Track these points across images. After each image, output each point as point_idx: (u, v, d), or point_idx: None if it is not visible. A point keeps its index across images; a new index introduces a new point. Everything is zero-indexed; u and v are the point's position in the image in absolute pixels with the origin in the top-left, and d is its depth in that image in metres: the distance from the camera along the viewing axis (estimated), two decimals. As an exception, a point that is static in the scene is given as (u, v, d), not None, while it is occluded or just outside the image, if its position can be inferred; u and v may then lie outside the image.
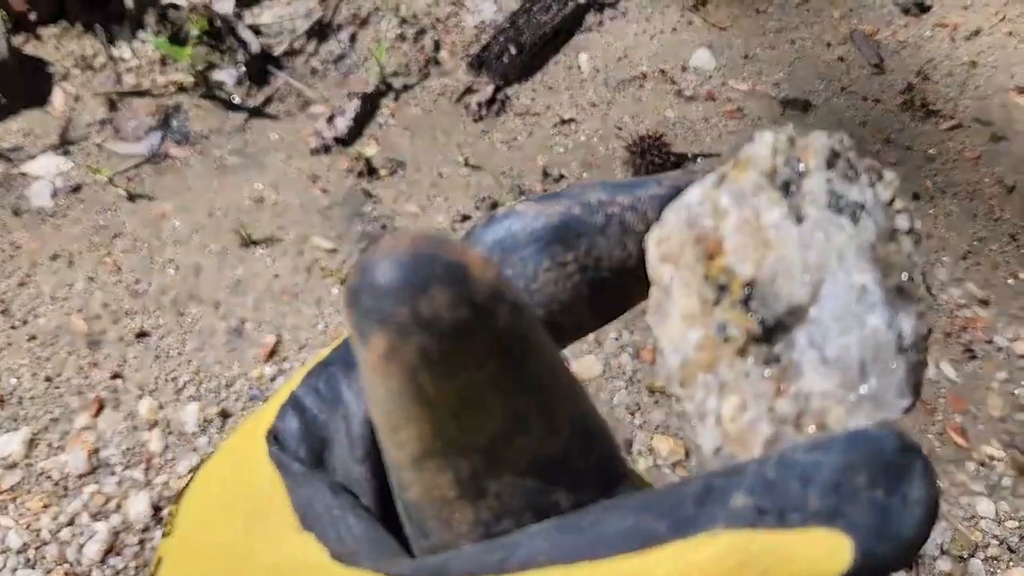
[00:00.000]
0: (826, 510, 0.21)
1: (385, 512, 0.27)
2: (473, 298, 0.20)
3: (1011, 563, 1.35)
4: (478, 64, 2.14)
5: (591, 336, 1.63)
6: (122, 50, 2.15)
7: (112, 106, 2.06)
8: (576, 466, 0.25)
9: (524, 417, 0.23)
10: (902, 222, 0.26)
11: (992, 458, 1.48)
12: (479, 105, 2.08)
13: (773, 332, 0.25)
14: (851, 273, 0.25)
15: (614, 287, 0.29)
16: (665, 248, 0.27)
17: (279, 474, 0.27)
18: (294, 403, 0.29)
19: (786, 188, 0.26)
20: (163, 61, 2.13)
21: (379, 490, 0.27)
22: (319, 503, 0.26)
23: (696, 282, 0.26)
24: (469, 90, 2.12)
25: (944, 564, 1.35)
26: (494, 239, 0.28)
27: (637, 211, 0.28)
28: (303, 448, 0.28)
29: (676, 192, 0.29)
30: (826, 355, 0.24)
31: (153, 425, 1.54)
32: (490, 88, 2.11)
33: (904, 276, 0.25)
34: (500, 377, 0.22)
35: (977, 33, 2.30)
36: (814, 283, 0.25)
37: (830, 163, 0.26)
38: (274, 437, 0.28)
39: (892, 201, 0.26)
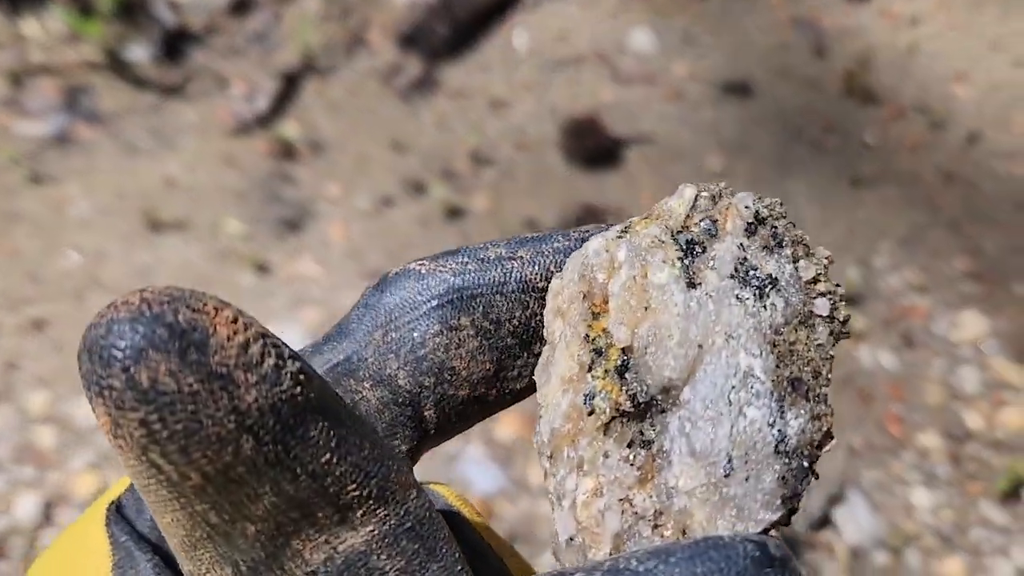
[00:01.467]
0: None
1: None
2: (206, 366, 0.18)
3: (946, 554, 1.31)
4: (408, 41, 2.06)
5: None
6: (28, 25, 2.03)
7: (16, 83, 1.94)
8: (383, 566, 0.21)
9: (305, 504, 0.20)
10: (822, 306, 0.23)
11: (928, 448, 1.45)
12: (408, 84, 2.00)
13: (647, 411, 0.22)
14: (737, 354, 0.21)
15: (521, 355, 0.25)
16: (559, 301, 0.24)
17: (111, 550, 0.24)
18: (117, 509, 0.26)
19: (689, 249, 0.23)
20: (72, 37, 2.02)
21: None
22: None
23: (576, 342, 0.23)
24: (398, 69, 2.04)
25: (880, 557, 1.31)
26: (384, 300, 0.25)
27: (539, 266, 0.25)
28: (149, 523, 0.25)
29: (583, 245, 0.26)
30: (694, 446, 0.22)
31: (47, 420, 1.44)
32: (420, 66, 2.03)
33: (805, 370, 0.22)
34: (259, 459, 0.19)
35: (917, 21, 2.28)
36: (690, 360, 0.22)
37: (751, 229, 0.23)
38: (116, 510, 0.25)
39: (815, 280, 0.23)
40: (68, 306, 1.60)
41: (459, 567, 0.22)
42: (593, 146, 1.87)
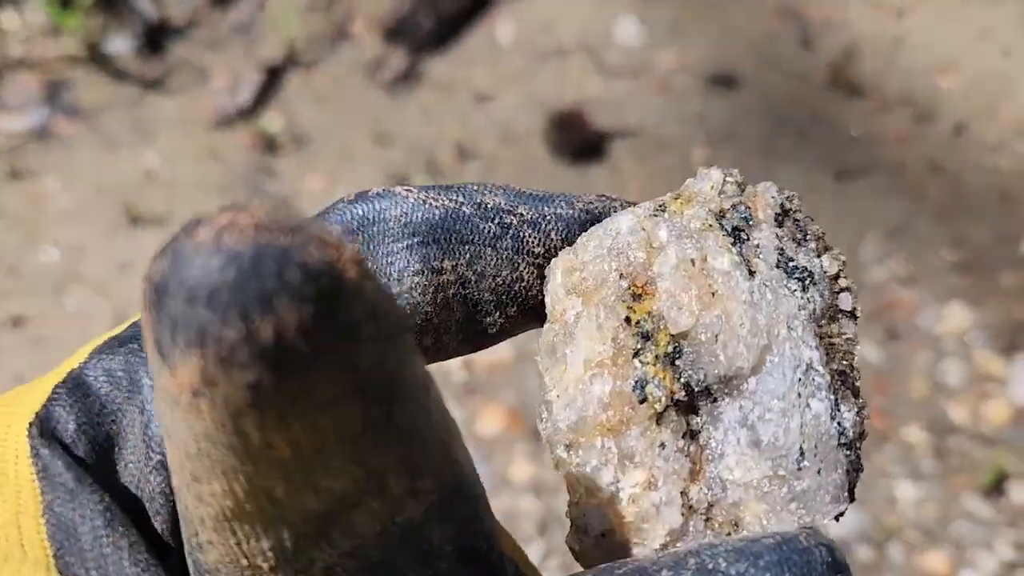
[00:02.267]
0: None
1: (180, 539, 0.21)
2: (340, 320, 0.14)
3: (929, 548, 1.31)
4: (392, 34, 2.05)
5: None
6: (8, 18, 2.01)
7: (-5, 76, 1.92)
8: (434, 535, 0.19)
9: (381, 476, 0.17)
10: (845, 302, 0.23)
11: (912, 441, 1.45)
12: (392, 77, 1.99)
13: (699, 399, 0.21)
14: (799, 346, 0.21)
15: (493, 313, 0.24)
16: (577, 279, 0.23)
17: (37, 485, 0.20)
18: (74, 383, 0.22)
19: (736, 235, 0.22)
20: (52, 30, 2.00)
21: (173, 511, 0.21)
22: (87, 533, 0.20)
23: (612, 324, 0.22)
24: (382, 61, 2.03)
25: (863, 551, 1.31)
26: (359, 216, 0.23)
27: (539, 229, 0.24)
28: (82, 442, 0.21)
29: (588, 218, 0.25)
30: (759, 437, 0.21)
31: (25, 418, 1.43)
32: (404, 59, 2.02)
33: (844, 364, 0.22)
34: (355, 425, 0.16)
35: (904, 13, 2.28)
36: (760, 350, 0.21)
37: (779, 220, 0.23)
38: (40, 428, 0.21)
39: (838, 276, 0.23)
40: (47, 301, 1.58)
41: (496, 529, 0.21)
42: (578, 139, 1.87)
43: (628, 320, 0.22)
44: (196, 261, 0.14)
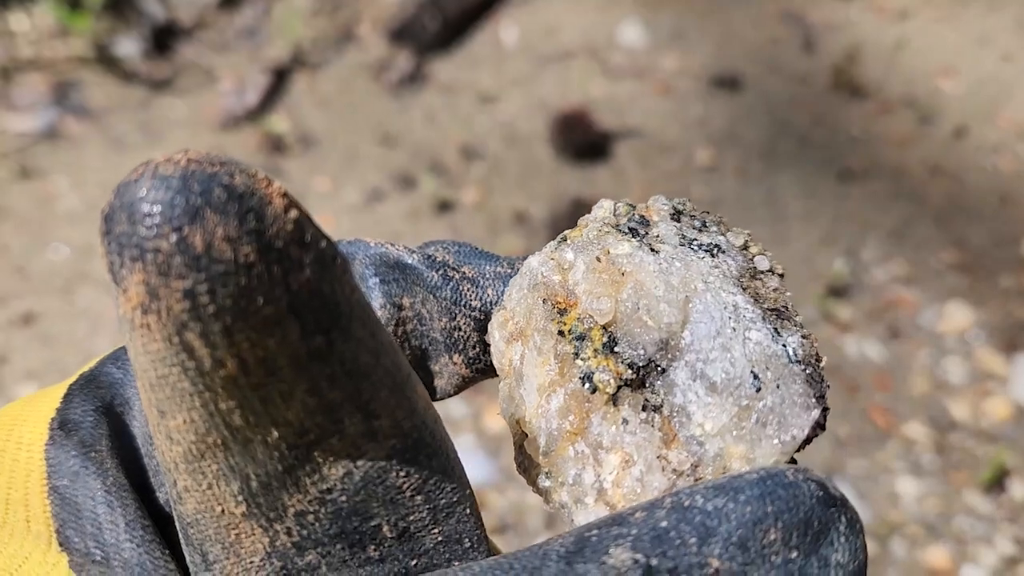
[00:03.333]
0: (729, 573, 0.17)
1: None
2: (265, 235, 0.16)
3: (931, 543, 1.32)
4: (397, 36, 2.06)
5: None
6: (17, 19, 2.03)
7: (5, 78, 1.94)
8: (401, 483, 0.20)
9: (335, 410, 0.18)
10: (762, 263, 0.24)
11: (914, 437, 1.45)
12: (398, 79, 2.00)
13: (646, 378, 0.22)
14: (720, 293, 0.22)
15: (444, 354, 0.26)
16: (511, 327, 0.24)
17: (46, 469, 0.22)
18: (87, 379, 0.24)
19: (633, 232, 0.24)
20: (61, 32, 2.01)
21: None
22: (88, 512, 0.21)
23: (550, 343, 0.23)
24: (387, 63, 2.04)
25: (865, 546, 1.32)
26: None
27: (477, 285, 0.25)
28: (97, 429, 0.22)
29: None
30: (712, 380, 0.21)
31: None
32: (410, 61, 2.03)
33: (777, 304, 0.23)
34: (302, 350, 0.17)
35: (905, 16, 2.29)
36: (681, 302, 0.22)
37: (675, 218, 0.24)
38: (60, 420, 0.23)
39: (746, 246, 0.24)
40: (56, 300, 1.59)
41: (468, 490, 0.22)
42: (582, 140, 1.87)
43: (561, 333, 0.23)
44: (135, 188, 0.16)
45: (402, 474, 0.20)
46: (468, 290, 0.26)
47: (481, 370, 0.27)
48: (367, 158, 1.87)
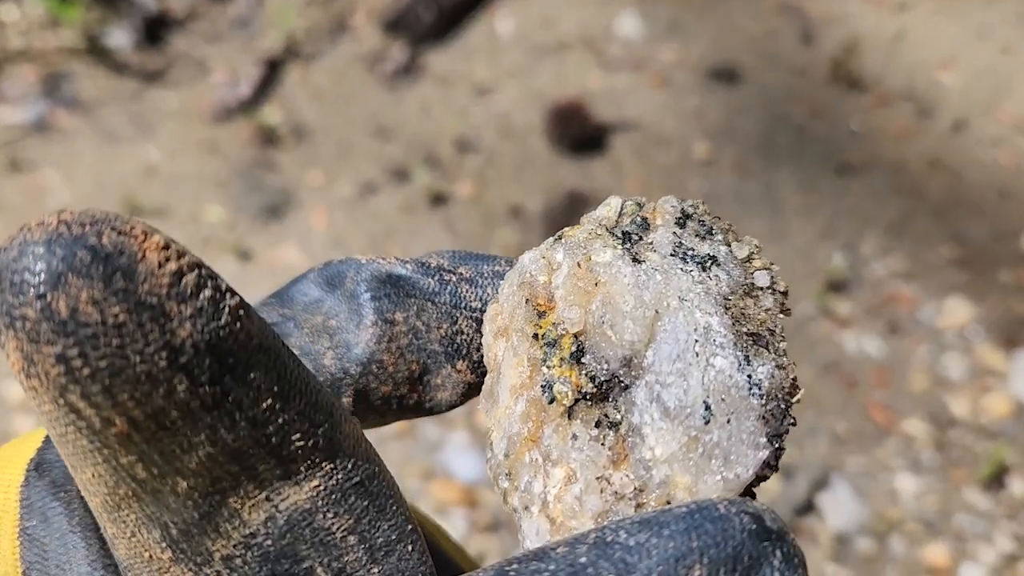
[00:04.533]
0: None
1: None
2: (136, 292, 0.16)
3: (930, 540, 1.31)
4: (392, 27, 2.04)
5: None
6: (6, 10, 2.01)
7: (-6, 69, 1.92)
8: (330, 525, 0.20)
9: (244, 456, 0.18)
10: (762, 278, 0.23)
11: (913, 434, 1.45)
12: (392, 70, 1.98)
13: (609, 393, 0.21)
14: (694, 313, 0.21)
15: (445, 365, 0.25)
16: (499, 322, 0.24)
17: (19, 512, 0.22)
18: None
19: (627, 237, 0.23)
20: (52, 22, 1.99)
21: None
22: (53, 553, 0.21)
23: (525, 345, 0.23)
24: (381, 55, 2.02)
25: (864, 543, 1.31)
26: (325, 279, 0.25)
27: (476, 285, 0.25)
28: (63, 464, 0.22)
29: None
30: (666, 405, 0.21)
31: (25, 408, 1.42)
32: (404, 52, 2.01)
33: (761, 328, 0.22)
34: (193, 402, 0.17)
35: (904, 8, 2.28)
36: (648, 321, 0.21)
37: (680, 222, 0.24)
38: (37, 464, 0.23)
39: (750, 258, 0.23)
40: (47, 294, 1.58)
41: (410, 526, 0.21)
42: (578, 132, 1.86)
43: (536, 336, 0.23)
44: (5, 256, 0.16)
45: (330, 515, 0.19)
46: (467, 291, 0.25)
47: (486, 373, 0.26)
48: (361, 150, 1.85)
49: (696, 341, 0.21)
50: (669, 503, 0.21)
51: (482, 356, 0.26)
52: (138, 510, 0.18)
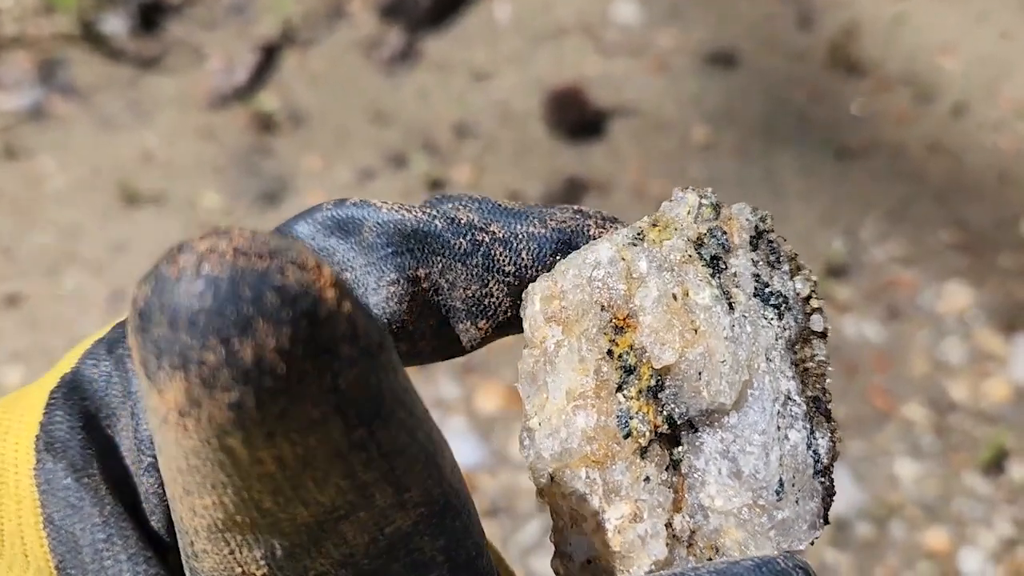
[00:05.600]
0: None
1: (175, 538, 0.21)
2: (319, 340, 0.15)
3: (930, 525, 1.31)
4: (389, 12, 2.03)
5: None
6: (1, -4, 1.99)
7: (-11, 56, 1.90)
8: (424, 545, 0.20)
9: (367, 488, 0.18)
10: (817, 323, 0.23)
11: (913, 419, 1.44)
12: (389, 56, 1.97)
13: (682, 430, 0.22)
14: (777, 378, 0.21)
15: (465, 322, 0.25)
16: (556, 307, 0.23)
17: (38, 496, 0.21)
18: (69, 387, 0.22)
19: (715, 264, 0.22)
20: (46, 9, 1.97)
21: (167, 511, 0.21)
22: (87, 546, 0.20)
23: (595, 357, 0.22)
24: (379, 40, 2.01)
25: (864, 528, 1.31)
26: (340, 219, 0.23)
27: (510, 248, 0.24)
28: (82, 446, 0.21)
29: (561, 237, 0.24)
30: (740, 468, 0.21)
31: (22, 397, 1.42)
32: (402, 38, 2.00)
33: (817, 388, 0.22)
34: (343, 444, 0.17)
35: (904, -8, 2.26)
36: (741, 385, 0.21)
37: (754, 243, 0.23)
38: (45, 439, 0.22)
39: (809, 297, 0.23)
40: (43, 282, 1.57)
41: (483, 539, 0.22)
42: (577, 118, 1.85)
43: (611, 353, 0.22)
44: (177, 287, 0.15)
45: (427, 537, 0.20)
46: (500, 253, 0.24)
47: (504, 331, 0.26)
48: (358, 136, 1.84)
49: (778, 414, 0.21)
50: (717, 549, 0.21)
51: (507, 318, 0.25)
52: (248, 532, 0.18)
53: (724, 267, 0.23)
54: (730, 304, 0.22)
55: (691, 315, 0.22)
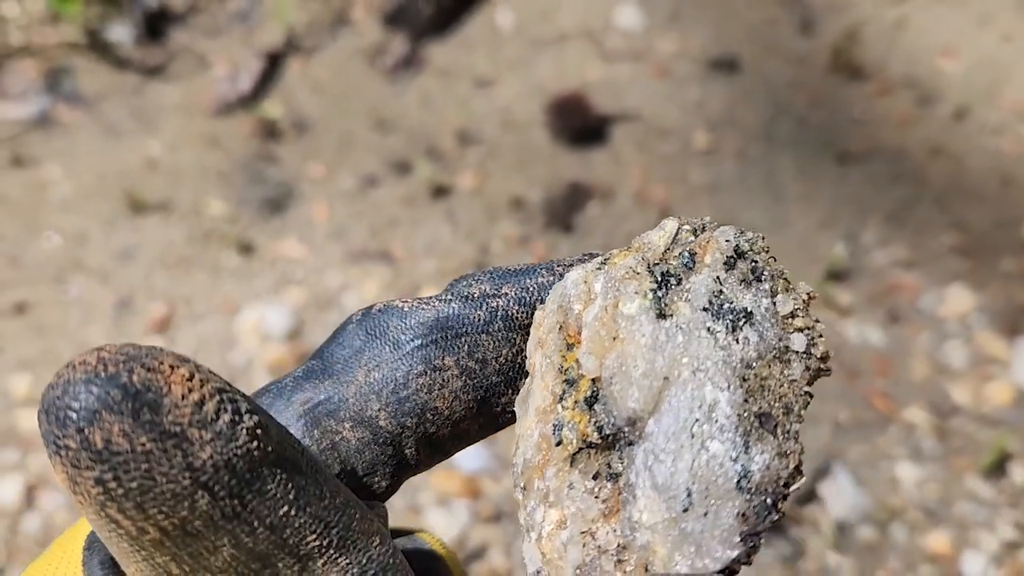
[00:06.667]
0: None
1: None
2: (161, 424, 0.18)
3: (931, 528, 1.31)
4: (392, 20, 2.04)
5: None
6: (7, 5, 2.00)
7: (-5, 65, 1.92)
8: None
9: (265, 556, 0.20)
10: (798, 342, 0.22)
11: (914, 422, 1.45)
12: (392, 63, 1.98)
13: (615, 443, 0.21)
14: (703, 387, 0.21)
15: (506, 392, 0.25)
16: (541, 333, 0.24)
17: None
18: (93, 539, 0.25)
19: (664, 281, 0.23)
20: (52, 17, 1.99)
21: None
22: None
23: (552, 374, 0.23)
24: (382, 47, 2.02)
25: (866, 531, 1.31)
26: (366, 333, 0.25)
27: (524, 304, 0.25)
28: None
29: None
30: (656, 479, 0.21)
31: (29, 403, 1.42)
32: (405, 45, 2.01)
33: (776, 406, 0.21)
34: (215, 514, 0.19)
35: (905, -4, 2.27)
36: (655, 392, 0.21)
37: (730, 263, 0.23)
38: (92, 543, 0.24)
39: (793, 315, 0.22)
40: (50, 289, 1.58)
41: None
42: (579, 124, 1.86)
43: (561, 368, 0.23)
44: (53, 392, 0.18)
45: None
46: (517, 312, 0.25)
47: None
48: (362, 143, 1.85)
49: (696, 420, 0.21)
50: (647, 567, 0.21)
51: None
52: None
53: (676, 283, 0.23)
54: (662, 315, 0.22)
55: (615, 325, 0.22)
